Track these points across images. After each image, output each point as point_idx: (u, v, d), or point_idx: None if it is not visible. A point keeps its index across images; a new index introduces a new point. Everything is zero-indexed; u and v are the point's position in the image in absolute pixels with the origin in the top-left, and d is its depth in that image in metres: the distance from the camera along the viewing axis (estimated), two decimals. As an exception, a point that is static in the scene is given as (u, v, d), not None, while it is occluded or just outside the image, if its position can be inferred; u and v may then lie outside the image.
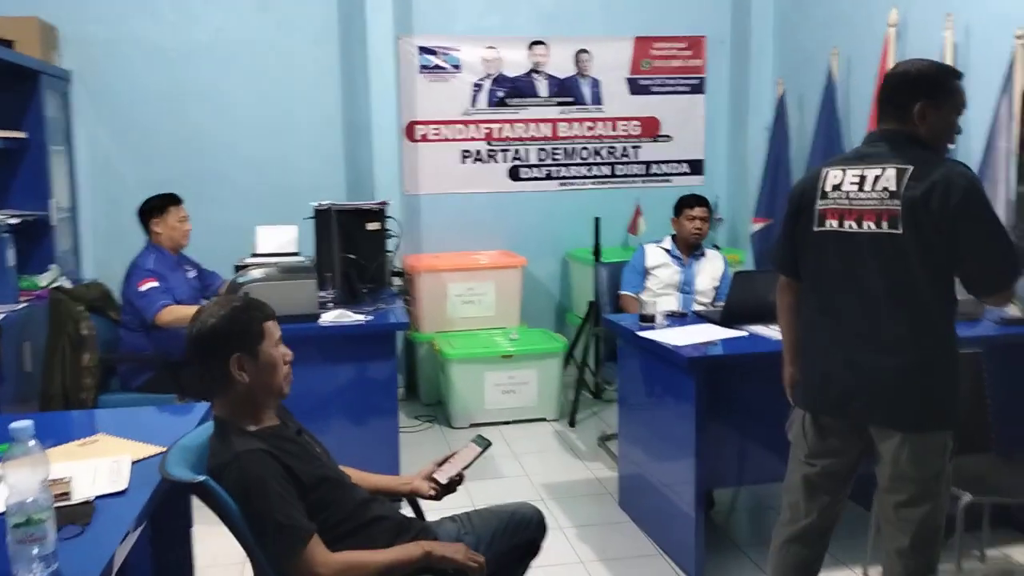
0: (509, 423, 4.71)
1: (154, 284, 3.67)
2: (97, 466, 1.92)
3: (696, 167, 5.77)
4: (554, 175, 5.57)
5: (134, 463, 1.96)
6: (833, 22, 4.84)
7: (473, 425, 4.64)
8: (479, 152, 5.45)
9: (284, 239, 4.36)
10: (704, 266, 4.12)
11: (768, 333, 3.09)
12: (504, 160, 5.49)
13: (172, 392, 3.50)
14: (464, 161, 5.43)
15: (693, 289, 4.07)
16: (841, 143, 4.53)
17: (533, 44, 5.44)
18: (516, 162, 5.51)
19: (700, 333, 3.17)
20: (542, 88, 5.49)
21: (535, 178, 5.54)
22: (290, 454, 1.85)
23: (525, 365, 4.74)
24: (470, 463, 2.22)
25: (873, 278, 2.11)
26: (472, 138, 5.42)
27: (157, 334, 3.67)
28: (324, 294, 3.67)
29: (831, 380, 2.22)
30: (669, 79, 5.65)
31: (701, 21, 5.62)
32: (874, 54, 4.27)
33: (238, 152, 5.08)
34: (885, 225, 2.07)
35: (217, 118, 5.04)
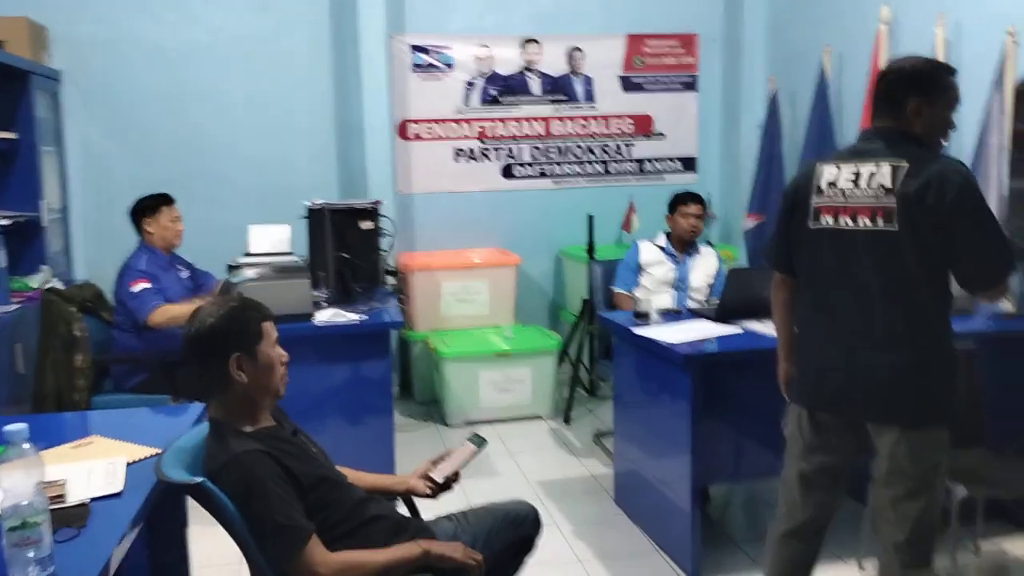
0: (504, 421, 4.71)
1: (146, 285, 3.66)
2: (92, 468, 1.92)
3: (689, 164, 5.78)
4: (547, 173, 5.57)
5: (129, 465, 1.96)
6: (825, 19, 4.86)
7: (468, 423, 4.64)
8: (472, 150, 5.44)
9: (277, 238, 4.34)
10: (698, 263, 4.13)
11: (763, 329, 3.10)
12: (497, 158, 5.49)
13: (165, 393, 3.49)
14: (457, 159, 5.43)
15: (687, 286, 4.08)
16: (833, 140, 4.55)
17: (526, 42, 5.43)
18: (509, 160, 5.51)
19: (695, 330, 3.18)
20: (535, 86, 5.48)
21: (528, 176, 5.54)
22: (287, 454, 1.85)
23: (520, 363, 4.74)
24: (466, 462, 2.23)
25: (868, 274, 2.12)
26: (465, 136, 5.41)
27: (150, 335, 3.66)
28: (318, 293, 3.67)
29: (827, 376, 2.22)
30: (662, 77, 5.65)
31: (693, 19, 5.63)
32: (866, 51, 4.28)
33: (230, 151, 5.05)
34: (880, 221, 2.08)
35: (209, 117, 5.02)
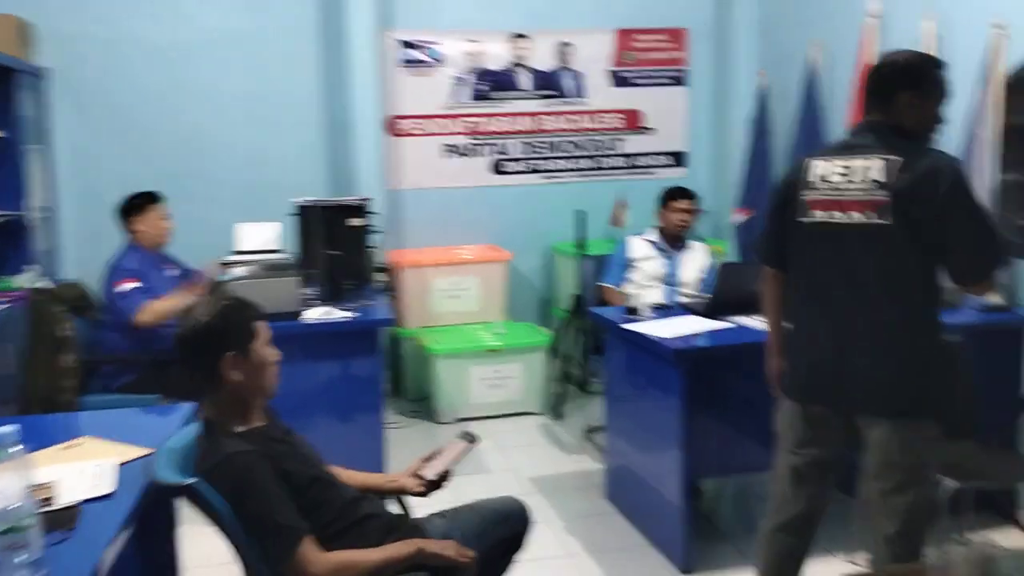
0: (495, 417, 4.71)
1: (134, 284, 3.64)
2: (82, 470, 1.90)
3: (679, 159, 5.78)
4: (537, 168, 5.56)
5: (119, 466, 1.94)
6: (814, 14, 4.86)
7: (459, 420, 4.63)
8: (462, 146, 5.43)
9: (266, 236, 4.33)
10: (689, 258, 4.13)
11: (753, 324, 3.10)
12: (487, 154, 5.47)
13: (155, 393, 3.46)
14: (447, 155, 5.41)
15: (678, 281, 4.08)
16: (823, 134, 4.56)
17: (515, 37, 5.41)
18: (499, 156, 5.49)
19: (686, 325, 3.19)
20: (524, 81, 5.47)
21: (518, 172, 5.53)
22: (280, 454, 1.84)
23: (510, 359, 4.74)
24: (457, 459, 2.22)
25: (860, 268, 2.12)
26: (455, 132, 5.40)
27: (139, 334, 3.64)
28: (307, 291, 3.65)
29: (818, 370, 2.23)
30: (651, 71, 5.65)
31: (683, 13, 5.62)
32: (855, 45, 4.28)
33: (218, 149, 5.02)
34: (872, 215, 2.08)
35: (197, 115, 4.97)
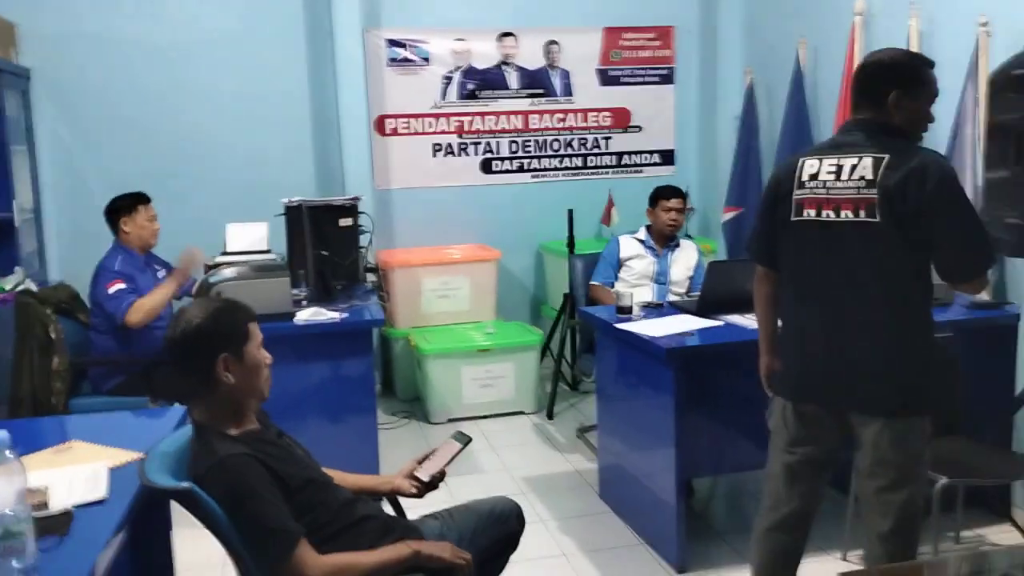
0: (487, 417, 4.70)
1: (121, 286, 3.61)
2: (74, 474, 1.89)
3: (667, 157, 5.79)
4: (526, 167, 5.56)
5: (111, 470, 1.93)
6: (800, 11, 4.88)
7: (451, 420, 4.63)
8: (450, 145, 5.42)
9: (255, 237, 4.31)
10: (679, 256, 4.14)
11: (744, 322, 3.11)
12: (476, 153, 5.47)
13: (144, 395, 3.44)
14: (435, 155, 5.40)
15: (668, 280, 4.09)
16: (810, 132, 4.57)
17: (502, 36, 5.41)
18: (488, 155, 5.49)
19: (677, 324, 3.19)
20: (512, 80, 5.47)
21: (507, 171, 5.53)
22: (274, 457, 1.83)
23: (502, 359, 4.73)
24: (451, 459, 2.22)
25: (851, 266, 2.13)
26: (443, 131, 5.39)
27: (127, 336, 3.61)
28: (297, 292, 3.63)
29: (810, 368, 2.24)
30: (639, 70, 5.66)
31: (670, 11, 5.63)
32: (841, 43, 4.30)
33: (205, 149, 4.98)
34: (862, 214, 2.09)
35: (183, 114, 4.94)
